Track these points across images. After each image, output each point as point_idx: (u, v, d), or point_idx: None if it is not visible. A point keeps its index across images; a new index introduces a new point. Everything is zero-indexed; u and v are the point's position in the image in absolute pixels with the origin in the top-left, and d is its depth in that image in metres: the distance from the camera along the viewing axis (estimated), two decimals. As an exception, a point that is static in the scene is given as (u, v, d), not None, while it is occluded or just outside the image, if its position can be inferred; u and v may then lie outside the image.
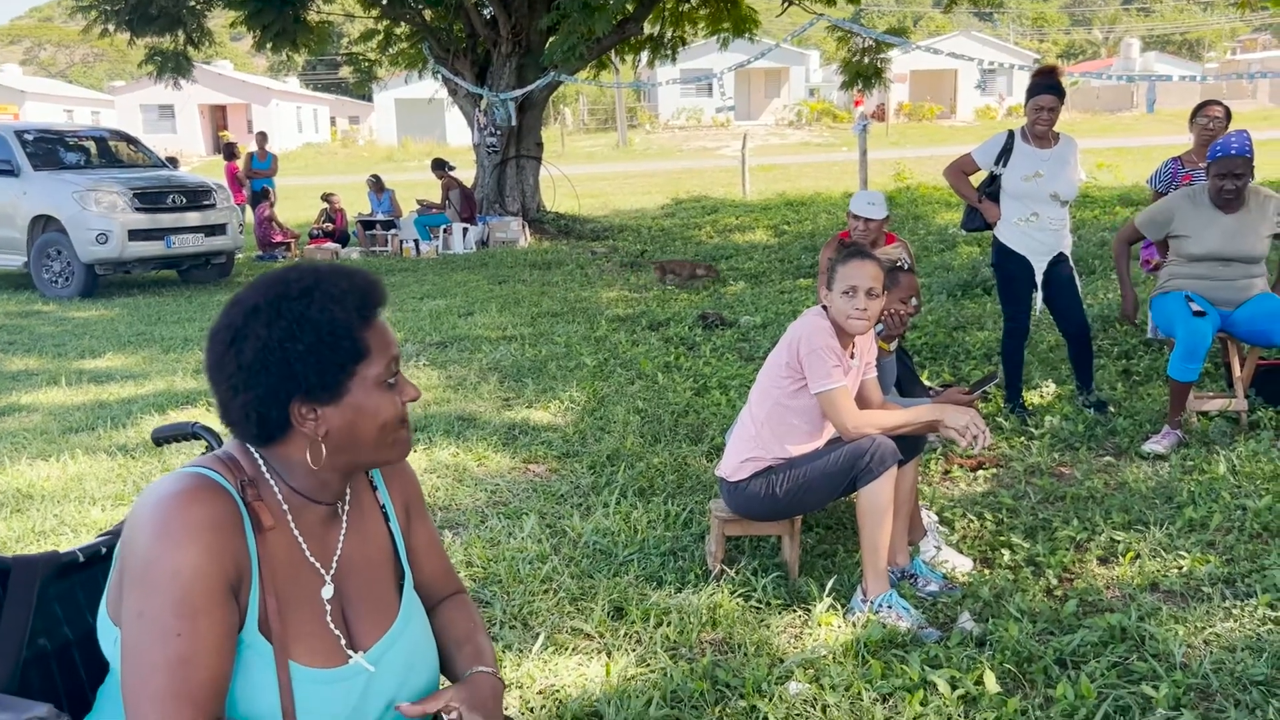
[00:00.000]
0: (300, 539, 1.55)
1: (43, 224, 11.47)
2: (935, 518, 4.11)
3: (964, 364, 6.61)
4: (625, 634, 3.27)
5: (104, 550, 1.77)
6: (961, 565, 3.73)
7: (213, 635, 1.39)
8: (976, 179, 5.63)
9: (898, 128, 41.19)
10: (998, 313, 7.34)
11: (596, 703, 2.85)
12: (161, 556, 1.38)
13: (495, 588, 3.63)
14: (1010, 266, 5.45)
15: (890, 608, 3.30)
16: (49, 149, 12.27)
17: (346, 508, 1.63)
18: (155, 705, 1.34)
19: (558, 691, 2.95)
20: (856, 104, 30.87)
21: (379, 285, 1.55)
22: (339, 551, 1.59)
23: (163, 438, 1.96)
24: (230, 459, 1.53)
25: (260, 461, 1.54)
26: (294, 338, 1.44)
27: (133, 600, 1.39)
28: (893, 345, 4.29)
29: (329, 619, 1.55)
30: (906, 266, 4.17)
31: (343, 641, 1.55)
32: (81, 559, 1.73)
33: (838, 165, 27.34)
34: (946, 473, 4.76)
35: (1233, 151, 4.82)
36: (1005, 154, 5.38)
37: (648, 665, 3.07)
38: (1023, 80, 44.50)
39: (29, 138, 12.14)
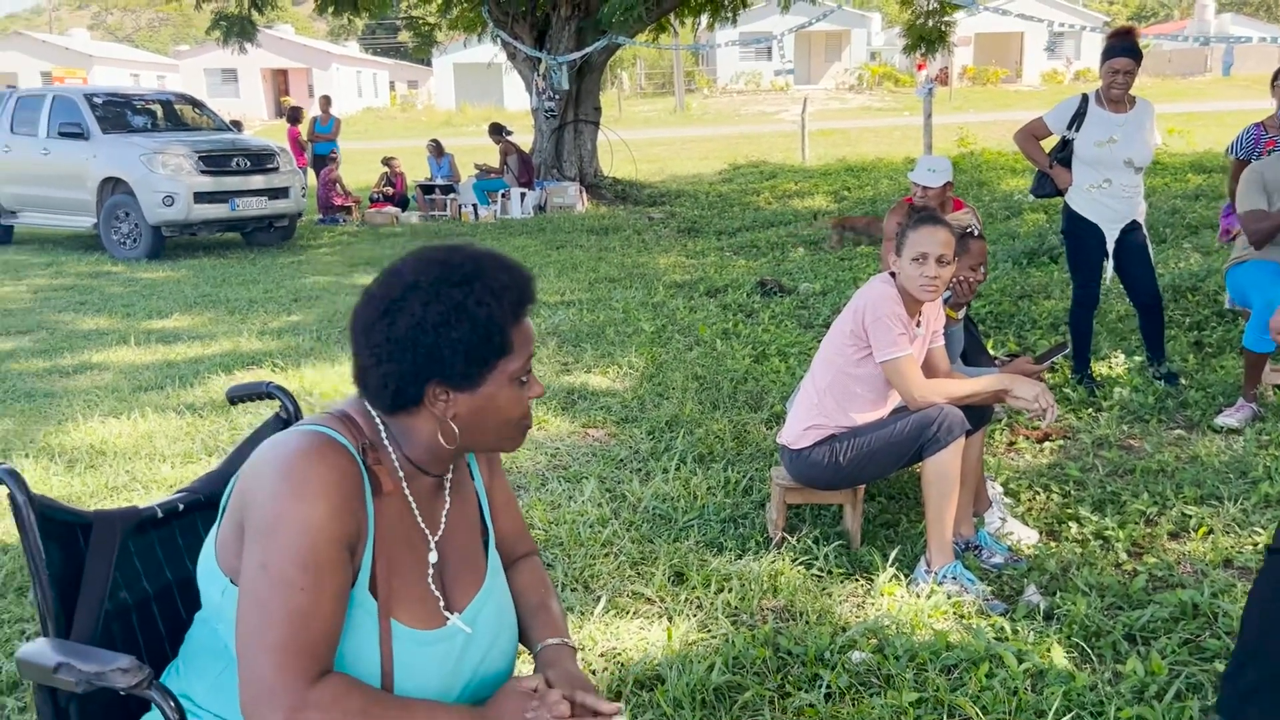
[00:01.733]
0: (413, 504, 1.56)
1: (111, 186, 11.67)
2: (1000, 489, 4.05)
3: (1030, 333, 6.49)
4: (686, 599, 3.27)
5: (181, 507, 1.79)
6: (1027, 537, 3.68)
7: (332, 591, 1.40)
8: (1048, 144, 5.49)
9: (961, 92, 40.37)
10: (1064, 281, 7.20)
11: (658, 667, 2.85)
12: (290, 511, 1.39)
13: (556, 550, 3.66)
14: (1081, 234, 5.33)
15: (955, 579, 3.26)
16: (117, 112, 12.49)
17: (450, 477, 1.65)
18: (273, 654, 1.36)
19: (619, 654, 2.97)
20: (920, 68, 30.33)
21: (533, 283, 1.55)
22: (445, 520, 1.62)
23: (237, 396, 1.98)
24: (349, 419, 1.54)
25: (380, 427, 1.55)
26: (449, 324, 1.45)
27: (256, 552, 1.40)
28: (960, 313, 4.22)
29: (430, 582, 1.57)
30: (977, 233, 4.08)
31: (441, 604, 1.57)
32: (160, 515, 1.75)
33: (899, 130, 26.90)
34: (1011, 444, 4.69)
35: None
36: (1078, 118, 5.23)
37: (709, 631, 3.07)
38: (1092, 43, 43.35)
39: (98, 101, 12.36)
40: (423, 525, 1.58)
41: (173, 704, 1.42)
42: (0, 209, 12.98)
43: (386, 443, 1.55)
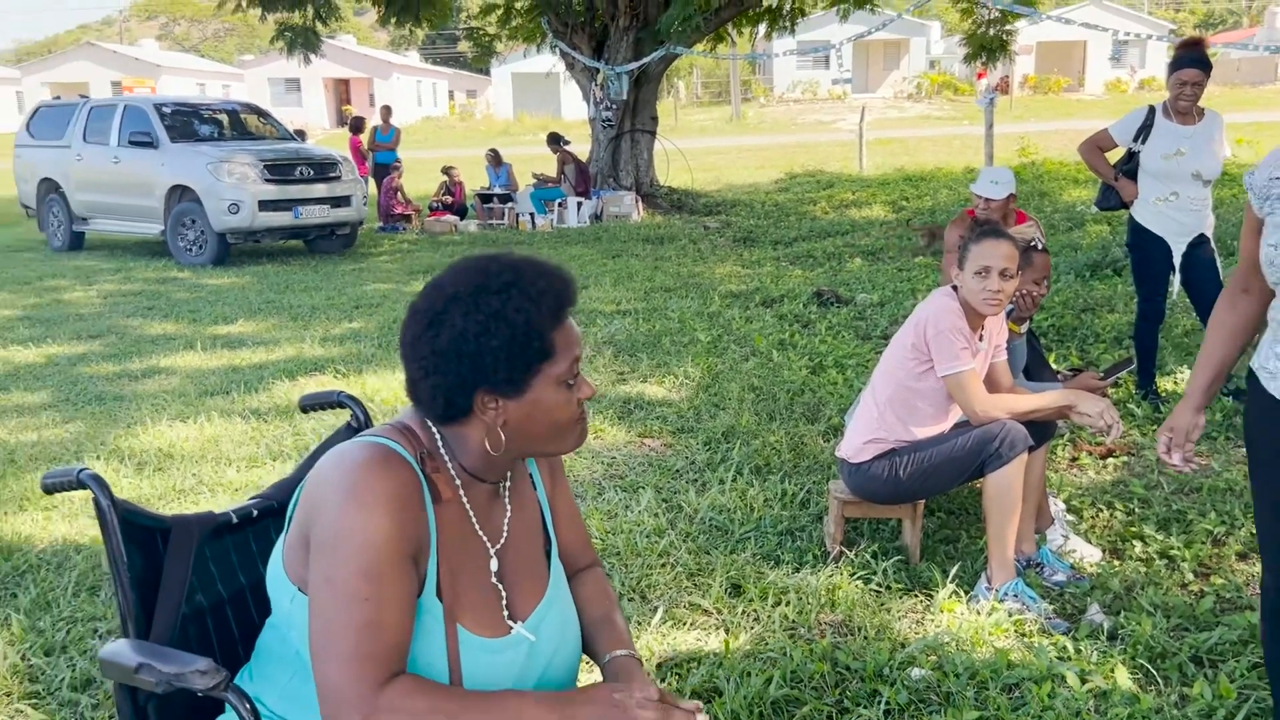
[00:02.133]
0: (471, 513, 1.59)
1: (179, 194, 11.94)
2: (1063, 506, 4.00)
3: (1093, 348, 6.39)
4: (743, 611, 3.27)
5: (255, 513, 1.84)
6: (1090, 555, 3.63)
7: (398, 600, 1.43)
8: (1114, 156, 5.42)
9: (1022, 101, 39.88)
10: (1128, 295, 7.09)
11: (716, 679, 2.86)
12: (353, 524, 1.43)
13: (614, 559, 3.67)
14: (1147, 247, 5.24)
15: (1016, 597, 3.23)
16: (185, 121, 12.79)
17: (508, 485, 1.67)
18: (343, 665, 1.40)
19: (677, 666, 2.98)
20: (980, 76, 29.97)
21: (573, 285, 1.57)
22: (506, 528, 1.64)
23: (309, 405, 2.03)
24: (407, 430, 1.57)
25: (437, 437, 1.58)
26: (489, 332, 1.47)
27: (321, 565, 1.44)
28: (1023, 327, 4.17)
29: (493, 591, 1.59)
30: (1040, 246, 4.04)
31: (505, 613, 1.59)
32: (235, 520, 1.80)
33: (959, 139, 26.64)
34: (1074, 460, 4.62)
35: None
36: (1145, 130, 5.16)
37: (766, 644, 3.06)
38: (1157, 51, 42.55)
39: (166, 111, 12.66)
40: (481, 533, 1.60)
41: (248, 706, 1.46)
42: (72, 215, 13.35)
43: (443, 452, 1.57)
